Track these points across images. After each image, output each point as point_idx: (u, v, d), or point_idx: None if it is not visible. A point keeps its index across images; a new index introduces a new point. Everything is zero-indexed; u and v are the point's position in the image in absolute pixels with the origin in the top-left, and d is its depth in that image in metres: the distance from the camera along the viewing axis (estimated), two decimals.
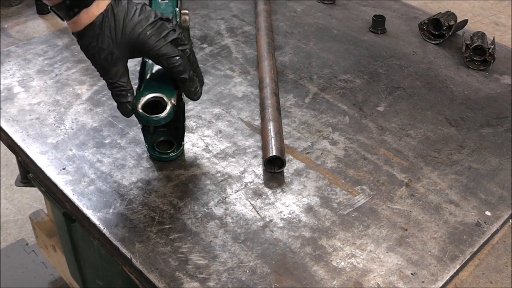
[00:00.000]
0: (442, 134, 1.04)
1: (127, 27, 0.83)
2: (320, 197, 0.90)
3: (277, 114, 1.01)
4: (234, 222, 0.85)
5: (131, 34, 0.83)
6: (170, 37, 0.85)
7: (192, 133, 1.02)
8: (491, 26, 1.45)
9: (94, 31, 0.82)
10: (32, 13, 1.37)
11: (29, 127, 1.01)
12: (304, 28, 1.34)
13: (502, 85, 1.18)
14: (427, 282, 0.78)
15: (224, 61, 1.21)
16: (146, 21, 0.84)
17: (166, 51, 0.84)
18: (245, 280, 0.77)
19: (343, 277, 0.78)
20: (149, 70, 0.97)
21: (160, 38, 0.84)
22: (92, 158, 0.95)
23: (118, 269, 0.86)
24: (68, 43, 1.25)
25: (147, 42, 0.84)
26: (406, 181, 0.94)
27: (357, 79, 1.18)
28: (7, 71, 1.16)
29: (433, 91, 1.15)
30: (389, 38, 1.32)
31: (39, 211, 1.66)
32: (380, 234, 0.84)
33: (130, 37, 0.83)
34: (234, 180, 0.92)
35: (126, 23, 0.83)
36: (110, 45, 0.82)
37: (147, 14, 0.85)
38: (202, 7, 1.41)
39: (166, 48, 0.84)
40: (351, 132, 1.03)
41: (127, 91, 0.86)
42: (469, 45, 1.22)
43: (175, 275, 0.77)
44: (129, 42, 0.83)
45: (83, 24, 0.82)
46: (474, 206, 0.90)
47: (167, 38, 0.85)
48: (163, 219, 0.85)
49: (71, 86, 1.12)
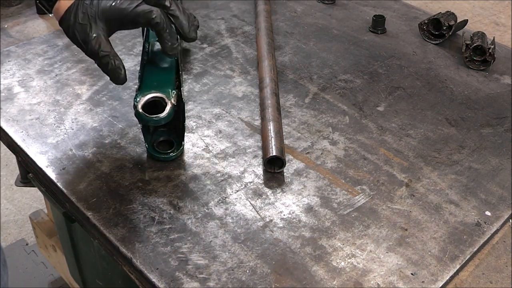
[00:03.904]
0: (442, 134, 1.04)
1: (101, 1, 0.88)
2: (320, 197, 0.90)
3: (277, 114, 1.01)
4: (234, 222, 0.85)
5: (105, 6, 0.88)
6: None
7: (192, 133, 1.02)
8: (491, 26, 1.45)
9: (72, 11, 0.87)
10: (32, 13, 1.37)
11: (29, 127, 1.01)
12: (304, 28, 1.34)
13: (502, 85, 1.18)
14: (427, 282, 0.78)
15: (224, 61, 1.21)
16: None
17: (141, 9, 0.88)
18: (245, 280, 0.77)
19: (343, 277, 0.78)
20: (149, 70, 0.97)
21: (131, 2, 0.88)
22: (92, 158, 0.95)
23: (118, 269, 0.86)
24: (68, 43, 1.24)
25: (120, 7, 0.88)
26: (406, 181, 0.94)
27: (357, 79, 1.18)
28: (7, 71, 1.16)
29: (433, 91, 1.15)
30: (389, 38, 1.32)
31: (39, 211, 1.66)
32: (380, 234, 0.84)
33: (104, 9, 0.87)
34: (234, 180, 0.92)
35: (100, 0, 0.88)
36: (86, 19, 0.87)
37: None
38: (202, 7, 1.41)
39: (140, 6, 0.88)
40: (351, 132, 1.03)
41: (113, 56, 0.88)
42: (469, 45, 1.22)
43: (175, 275, 0.77)
44: (103, 14, 0.87)
45: (62, 9, 0.88)
46: (474, 206, 0.90)
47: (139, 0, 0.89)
48: (163, 219, 0.85)
49: (71, 86, 1.12)
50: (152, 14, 0.88)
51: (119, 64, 0.89)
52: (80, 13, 0.87)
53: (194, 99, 1.09)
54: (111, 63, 0.88)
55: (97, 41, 0.87)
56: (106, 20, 0.88)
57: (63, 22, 0.89)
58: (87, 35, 0.87)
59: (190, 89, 1.12)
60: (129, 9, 0.88)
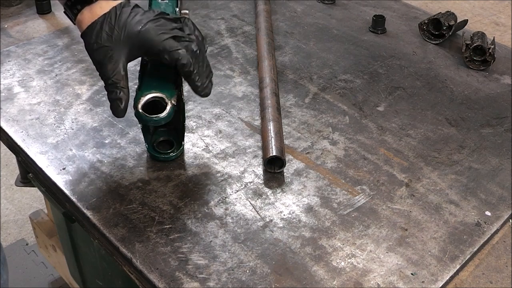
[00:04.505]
0: (442, 134, 1.04)
1: (128, 25, 0.83)
2: (320, 197, 0.90)
3: (277, 114, 1.01)
4: (234, 222, 0.85)
5: (131, 31, 0.83)
6: (172, 33, 0.84)
7: (192, 133, 1.02)
8: (491, 26, 1.45)
9: (96, 29, 0.83)
10: (32, 13, 1.37)
11: (29, 127, 1.01)
12: (304, 28, 1.34)
13: (502, 85, 1.18)
14: (427, 282, 0.78)
15: (224, 61, 1.21)
16: (147, 19, 0.84)
17: (168, 45, 0.83)
18: (245, 280, 0.77)
19: (343, 277, 0.78)
20: (149, 70, 0.97)
21: (161, 33, 0.83)
22: (92, 158, 0.95)
23: (118, 269, 0.86)
24: (68, 43, 1.25)
25: (147, 37, 0.83)
26: (406, 181, 0.94)
27: (357, 79, 1.18)
28: (7, 71, 1.16)
29: (433, 91, 1.15)
30: (389, 38, 1.32)
31: (39, 211, 1.66)
32: (380, 234, 0.84)
33: (130, 34, 0.83)
34: (234, 180, 0.92)
35: (127, 22, 0.83)
36: (109, 42, 0.82)
37: (149, 13, 0.85)
38: (202, 7, 1.41)
39: (168, 42, 0.83)
40: (351, 132, 1.03)
41: (120, 88, 0.85)
42: (469, 45, 1.22)
43: (175, 275, 0.77)
44: (129, 39, 0.83)
45: (86, 23, 0.84)
46: (474, 206, 0.90)
47: (170, 33, 0.84)
48: (163, 219, 0.85)
49: (71, 86, 1.12)
50: (179, 54, 0.83)
51: (121, 96, 0.85)
52: (104, 34, 0.82)
53: (194, 99, 1.09)
54: (116, 92, 0.84)
55: (113, 67, 0.83)
56: (131, 46, 0.84)
57: (84, 37, 0.84)
58: (105, 59, 0.83)
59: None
60: (157, 41, 0.83)
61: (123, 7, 0.84)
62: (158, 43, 0.83)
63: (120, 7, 0.84)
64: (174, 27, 0.85)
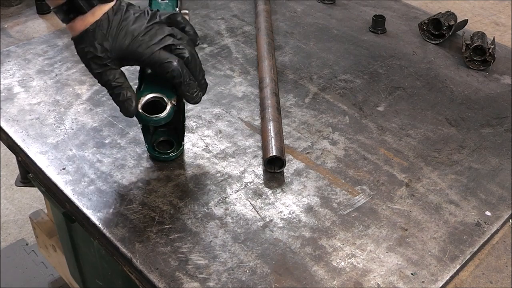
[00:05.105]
0: (442, 134, 1.04)
1: (119, 36, 0.82)
2: (320, 197, 0.90)
3: (277, 114, 1.01)
4: (234, 222, 0.85)
5: (121, 45, 0.82)
6: (163, 43, 0.83)
7: (192, 133, 1.02)
8: (491, 26, 1.45)
9: (88, 38, 0.82)
10: (32, 13, 1.37)
11: (29, 127, 1.01)
12: (304, 28, 1.34)
13: (502, 85, 1.18)
14: (427, 282, 0.78)
15: (224, 61, 1.21)
16: (139, 29, 0.83)
17: (158, 57, 0.83)
18: (245, 280, 0.77)
19: (343, 277, 0.78)
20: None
21: (151, 45, 0.83)
22: (92, 158, 0.95)
23: (118, 269, 0.86)
24: (68, 43, 1.25)
25: (138, 51, 0.83)
26: (406, 181, 0.94)
27: (357, 79, 1.18)
28: (7, 71, 1.16)
29: (433, 91, 1.15)
30: (389, 38, 1.32)
31: (39, 211, 1.66)
32: (380, 234, 0.84)
33: (121, 46, 0.82)
34: (234, 180, 0.92)
35: (118, 32, 0.82)
36: (102, 53, 0.82)
37: (141, 22, 0.83)
38: (202, 7, 1.41)
39: (158, 54, 0.83)
40: (351, 132, 1.03)
41: (126, 88, 0.84)
42: (469, 45, 1.22)
43: (175, 275, 0.77)
44: (120, 51, 0.83)
45: (78, 30, 0.83)
46: (474, 206, 0.90)
47: (160, 43, 0.83)
48: (163, 219, 0.85)
49: (71, 86, 1.12)
50: (169, 67, 0.83)
51: (130, 95, 0.84)
52: (97, 44, 0.81)
53: None
54: (123, 94, 0.84)
55: (112, 73, 0.83)
56: (122, 56, 0.83)
57: (77, 44, 0.84)
58: (101, 68, 0.83)
59: None
60: (146, 55, 0.82)
61: (115, 13, 0.83)
62: (148, 56, 0.83)
63: (112, 14, 0.82)
64: (166, 34, 0.84)
